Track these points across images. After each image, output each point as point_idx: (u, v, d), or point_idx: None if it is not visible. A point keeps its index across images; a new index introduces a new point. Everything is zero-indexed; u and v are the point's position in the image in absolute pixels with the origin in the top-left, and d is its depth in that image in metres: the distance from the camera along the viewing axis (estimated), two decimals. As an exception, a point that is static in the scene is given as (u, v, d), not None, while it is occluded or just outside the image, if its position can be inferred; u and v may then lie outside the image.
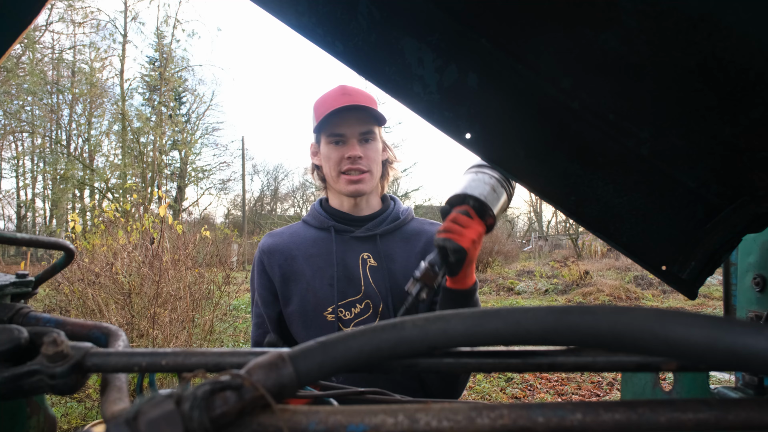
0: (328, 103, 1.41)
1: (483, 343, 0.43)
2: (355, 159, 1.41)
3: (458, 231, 1.09)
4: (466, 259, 1.11)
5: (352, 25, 0.90)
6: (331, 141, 1.43)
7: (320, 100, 1.46)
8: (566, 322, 0.39)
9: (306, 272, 1.43)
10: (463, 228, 1.10)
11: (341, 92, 1.42)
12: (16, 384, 0.47)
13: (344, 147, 1.42)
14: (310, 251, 1.45)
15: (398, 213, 1.55)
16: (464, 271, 1.16)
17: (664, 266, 0.95)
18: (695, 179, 0.89)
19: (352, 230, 1.47)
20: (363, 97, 1.43)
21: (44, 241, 0.70)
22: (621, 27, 0.70)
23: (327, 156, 1.45)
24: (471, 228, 1.10)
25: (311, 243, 1.47)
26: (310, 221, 1.54)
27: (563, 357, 0.49)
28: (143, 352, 0.49)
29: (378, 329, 0.44)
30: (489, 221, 1.15)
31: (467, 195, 1.15)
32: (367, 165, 1.43)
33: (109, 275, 4.93)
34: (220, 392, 0.37)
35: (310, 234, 1.50)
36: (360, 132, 1.41)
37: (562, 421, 0.41)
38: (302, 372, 0.41)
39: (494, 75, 0.90)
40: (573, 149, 0.93)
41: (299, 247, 1.47)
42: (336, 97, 1.41)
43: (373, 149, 1.45)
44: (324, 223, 1.49)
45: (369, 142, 1.44)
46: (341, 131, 1.41)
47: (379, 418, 0.41)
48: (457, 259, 1.09)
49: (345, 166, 1.42)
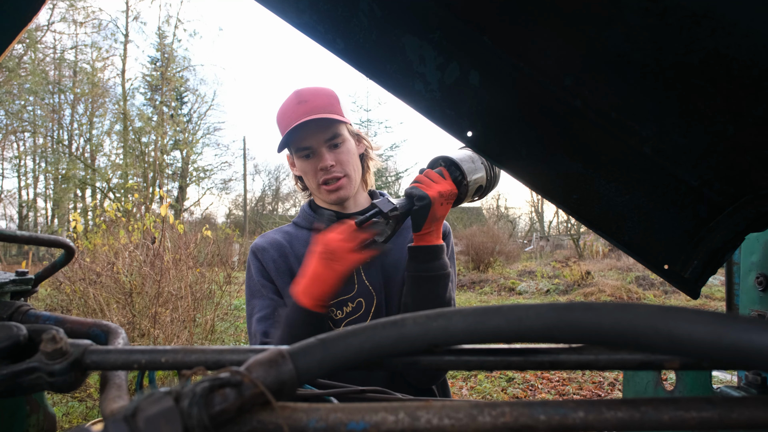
0: (287, 116, 1.39)
1: (485, 341, 0.43)
2: (327, 169, 1.40)
3: (426, 183, 1.21)
4: (430, 212, 1.19)
5: (353, 23, 0.89)
6: (301, 155, 1.42)
7: (280, 112, 1.44)
8: (568, 319, 0.38)
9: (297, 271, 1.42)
10: (432, 182, 1.21)
11: (297, 101, 1.39)
12: (14, 381, 0.46)
13: (315, 159, 1.41)
14: (302, 251, 1.44)
15: None
16: (428, 225, 1.23)
17: (667, 265, 0.94)
18: (698, 178, 0.89)
19: None
20: (320, 101, 1.40)
21: (44, 239, 0.70)
22: (623, 24, 0.70)
23: (303, 170, 1.45)
24: (440, 184, 1.21)
25: (302, 243, 1.46)
26: (300, 222, 1.53)
27: (565, 355, 0.48)
28: (143, 349, 0.48)
29: (378, 326, 0.44)
30: (462, 186, 1.25)
31: (445, 157, 1.28)
32: (341, 170, 1.42)
33: (110, 275, 4.94)
34: (220, 389, 0.37)
35: (301, 234, 1.49)
36: (325, 140, 1.39)
37: (564, 419, 0.40)
38: (302, 369, 0.41)
39: (496, 73, 0.90)
40: (575, 147, 0.92)
41: (291, 247, 1.46)
42: (293, 108, 1.38)
43: (344, 152, 1.43)
44: (314, 224, 1.49)
45: (338, 146, 1.42)
46: (307, 144, 1.39)
47: (380, 415, 0.40)
48: (421, 206, 1.18)
49: (321, 177, 1.41)
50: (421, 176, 1.23)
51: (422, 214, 1.20)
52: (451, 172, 1.26)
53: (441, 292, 1.27)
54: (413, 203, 1.19)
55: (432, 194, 1.18)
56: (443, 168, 1.26)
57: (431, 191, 1.18)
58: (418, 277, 1.26)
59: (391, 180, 24.51)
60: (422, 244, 1.27)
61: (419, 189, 1.19)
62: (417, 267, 1.26)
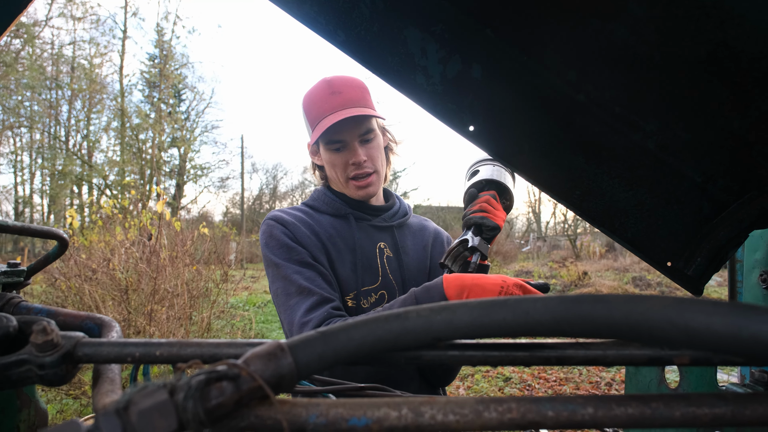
0: (318, 106, 1.36)
1: (490, 335, 0.41)
2: (359, 164, 1.38)
3: (492, 211, 1.22)
4: (493, 240, 1.23)
5: (355, 14, 0.88)
6: (331, 148, 1.39)
7: (309, 100, 1.40)
8: (578, 312, 0.37)
9: (331, 250, 1.37)
10: (495, 210, 1.23)
11: (329, 91, 1.36)
12: (3, 374, 0.45)
13: (346, 152, 1.38)
14: (331, 232, 1.40)
15: (406, 208, 1.56)
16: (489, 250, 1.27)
17: (670, 262, 0.93)
18: (702, 174, 0.88)
19: (369, 218, 1.45)
20: (353, 93, 1.37)
21: (37, 230, 0.68)
22: (628, 15, 0.68)
23: (330, 162, 1.41)
24: (501, 211, 1.24)
25: (329, 225, 1.42)
26: (320, 206, 1.46)
27: (572, 350, 0.47)
28: (136, 342, 0.47)
29: (381, 319, 0.42)
30: (506, 207, 1.30)
31: (493, 181, 1.29)
32: (372, 166, 1.40)
33: (105, 271, 4.91)
34: (216, 382, 0.35)
35: (324, 219, 1.43)
36: (359, 134, 1.37)
37: (573, 415, 0.39)
38: (302, 363, 0.39)
39: (498, 66, 0.88)
40: (578, 143, 0.91)
41: (319, 225, 1.40)
42: (326, 98, 1.35)
43: (374, 147, 1.42)
44: (340, 210, 1.44)
45: (370, 141, 1.40)
46: (340, 137, 1.36)
47: (383, 411, 0.39)
48: (491, 237, 1.20)
49: (352, 172, 1.39)
50: (485, 205, 1.25)
51: (488, 243, 1.24)
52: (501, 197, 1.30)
53: None
54: (482, 232, 1.22)
55: (501, 224, 1.22)
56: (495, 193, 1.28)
57: (499, 220, 1.22)
58: None
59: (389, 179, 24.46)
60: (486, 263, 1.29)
61: (490, 219, 1.21)
62: None
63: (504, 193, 1.30)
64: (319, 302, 1.20)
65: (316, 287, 1.23)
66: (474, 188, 1.30)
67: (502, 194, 1.29)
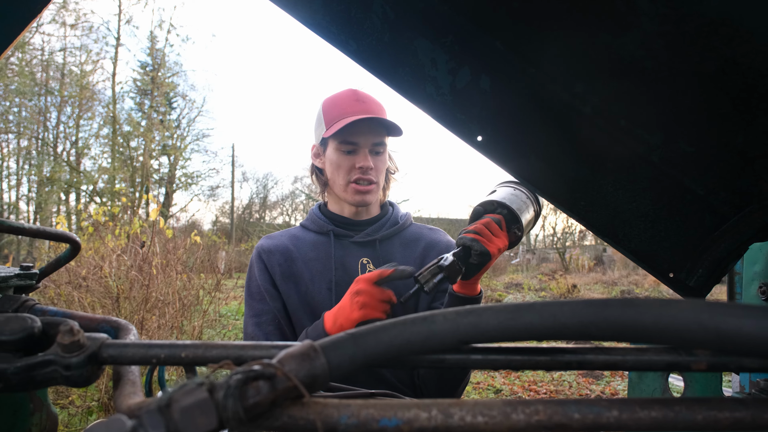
0: (341, 108, 1.38)
1: (516, 338, 0.42)
2: (366, 170, 1.39)
3: (488, 236, 1.11)
4: (485, 266, 1.13)
5: (366, 25, 0.89)
6: (342, 149, 1.39)
7: (331, 102, 1.42)
8: (606, 316, 0.38)
9: (304, 275, 1.40)
10: (493, 235, 1.12)
11: (354, 98, 1.39)
12: (28, 374, 0.45)
13: (356, 156, 1.39)
14: (309, 255, 1.43)
15: (397, 218, 1.53)
16: (477, 276, 1.18)
17: (672, 273, 0.95)
18: (704, 186, 0.90)
19: (351, 235, 1.46)
20: (376, 107, 1.40)
21: (50, 233, 0.68)
22: (640, 30, 0.70)
23: (336, 163, 1.41)
24: (500, 237, 1.13)
25: (310, 247, 1.45)
26: (309, 225, 1.51)
27: (592, 355, 0.48)
28: (161, 343, 0.47)
29: (408, 322, 0.43)
30: (513, 236, 1.18)
31: (504, 204, 1.17)
32: (376, 177, 1.41)
33: (96, 279, 4.85)
34: (253, 382, 0.36)
35: (309, 238, 1.48)
36: (373, 143, 1.39)
37: (599, 417, 0.40)
38: (334, 364, 0.40)
39: (507, 78, 0.90)
40: (583, 154, 0.93)
41: (298, 250, 1.44)
42: (350, 103, 1.38)
43: (382, 161, 1.43)
44: (323, 228, 1.47)
45: (380, 154, 1.42)
46: (355, 140, 1.37)
47: (413, 412, 0.39)
48: (480, 263, 1.10)
49: (355, 175, 1.39)
50: (481, 227, 1.12)
51: (477, 268, 1.13)
52: (508, 221, 1.17)
53: None
54: (470, 255, 1.10)
55: (493, 251, 1.09)
56: (502, 218, 1.16)
57: (492, 247, 1.09)
58: None
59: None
60: (467, 294, 1.22)
61: (480, 243, 1.09)
62: None
63: (515, 220, 1.16)
64: None
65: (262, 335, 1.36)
66: (481, 207, 1.21)
67: (512, 221, 1.17)
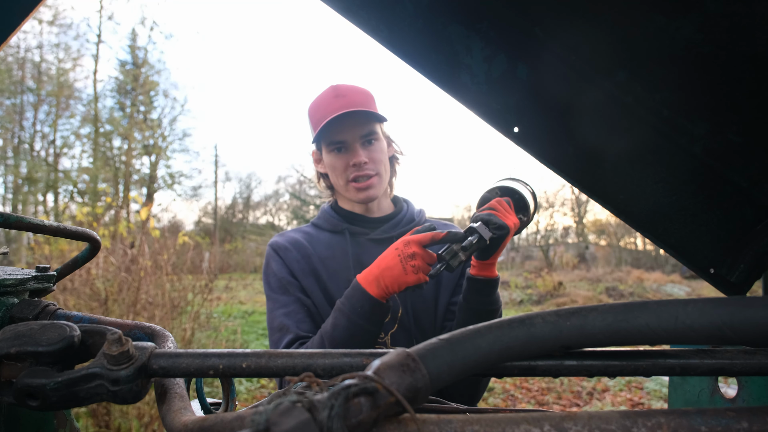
0: (322, 109, 1.34)
1: (627, 342, 0.38)
2: (360, 165, 1.34)
3: (502, 211, 1.12)
4: (502, 244, 1.12)
5: (398, 9, 0.84)
6: (332, 149, 1.35)
7: (314, 105, 1.38)
8: (744, 317, 0.34)
9: (322, 273, 1.36)
10: (506, 211, 1.13)
11: (333, 95, 1.34)
12: (69, 390, 0.39)
13: (347, 154, 1.34)
14: (324, 253, 1.38)
15: (413, 214, 1.49)
16: (494, 257, 1.16)
17: (713, 269, 0.92)
18: (748, 179, 0.87)
19: (367, 232, 1.41)
20: (358, 97, 1.35)
21: (71, 231, 0.62)
22: (701, 12, 0.67)
23: (331, 165, 1.38)
24: (513, 215, 1.13)
25: (325, 245, 1.40)
26: (322, 224, 1.46)
27: (697, 359, 0.44)
28: (219, 353, 0.42)
29: (505, 325, 0.38)
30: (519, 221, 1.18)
31: (508, 189, 1.20)
32: (374, 168, 1.36)
33: (82, 280, 4.71)
34: (354, 398, 0.31)
35: (322, 236, 1.42)
36: (361, 135, 1.33)
37: (728, 429, 0.36)
38: (434, 374, 0.35)
39: (545, 66, 0.86)
40: (623, 146, 0.89)
41: (313, 247, 1.39)
42: (329, 101, 1.33)
43: (377, 150, 1.37)
44: (337, 226, 1.42)
45: (372, 143, 1.36)
46: (341, 138, 1.33)
47: (522, 428, 0.35)
48: (499, 236, 1.09)
49: (351, 173, 1.34)
50: (495, 204, 1.14)
51: (496, 244, 1.12)
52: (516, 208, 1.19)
53: None
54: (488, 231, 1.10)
55: (510, 225, 1.09)
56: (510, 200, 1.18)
57: (509, 221, 1.10)
58: (481, 312, 1.20)
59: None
60: (487, 276, 1.19)
61: (497, 217, 1.09)
62: (481, 300, 1.20)
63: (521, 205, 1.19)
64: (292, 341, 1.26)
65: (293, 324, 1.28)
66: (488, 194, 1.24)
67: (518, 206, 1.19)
